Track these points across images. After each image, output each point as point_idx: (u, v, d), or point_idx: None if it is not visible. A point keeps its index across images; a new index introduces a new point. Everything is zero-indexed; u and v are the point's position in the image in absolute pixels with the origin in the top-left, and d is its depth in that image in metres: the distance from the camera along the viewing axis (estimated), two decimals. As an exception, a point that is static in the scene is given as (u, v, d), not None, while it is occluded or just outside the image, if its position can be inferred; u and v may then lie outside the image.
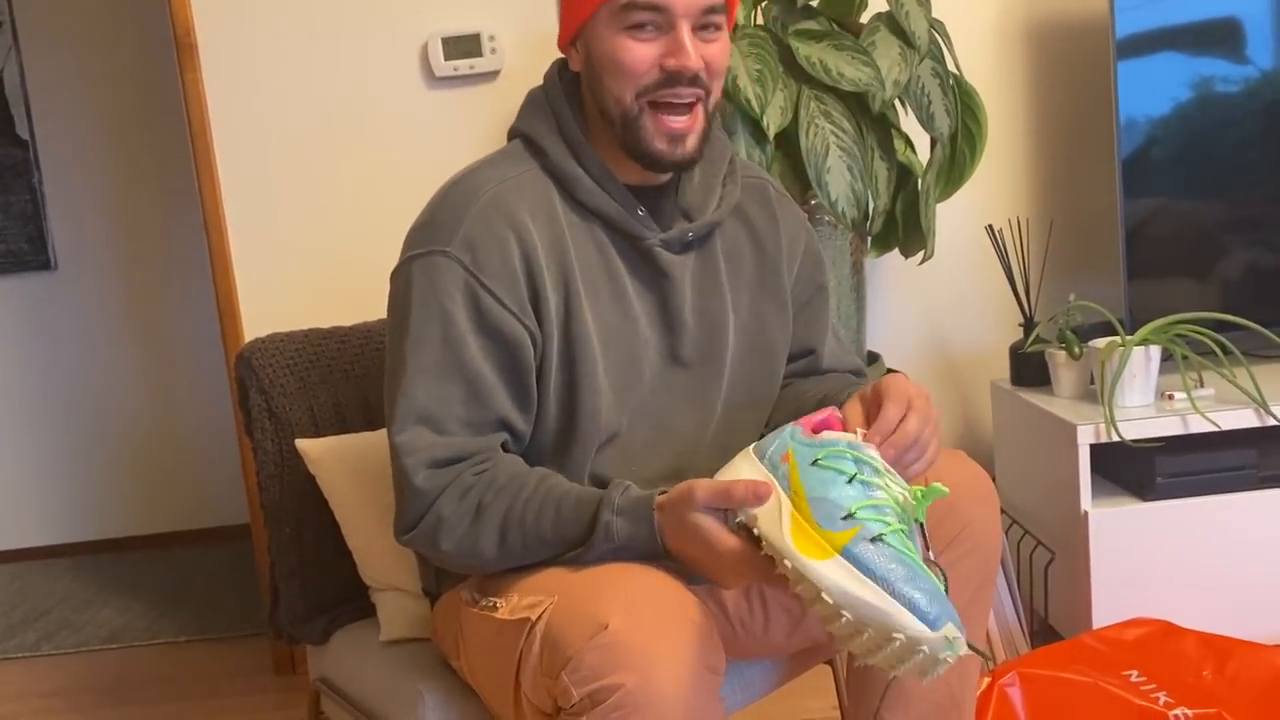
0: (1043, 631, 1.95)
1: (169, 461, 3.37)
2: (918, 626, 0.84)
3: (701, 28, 1.11)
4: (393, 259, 1.18)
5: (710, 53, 1.12)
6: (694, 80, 1.11)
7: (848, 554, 0.88)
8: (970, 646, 0.93)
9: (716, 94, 1.16)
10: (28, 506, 3.38)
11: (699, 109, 1.14)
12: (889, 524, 0.91)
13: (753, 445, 1.03)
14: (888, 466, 0.98)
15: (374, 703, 1.37)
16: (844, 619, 0.86)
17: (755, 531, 0.96)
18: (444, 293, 1.10)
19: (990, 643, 1.80)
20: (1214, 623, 1.69)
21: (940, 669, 0.86)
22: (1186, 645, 1.60)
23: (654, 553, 1.03)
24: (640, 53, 1.10)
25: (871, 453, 0.98)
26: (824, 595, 0.87)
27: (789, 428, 1.02)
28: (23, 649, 2.61)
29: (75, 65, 3.21)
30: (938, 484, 0.97)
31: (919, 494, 0.96)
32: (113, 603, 2.89)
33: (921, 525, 0.96)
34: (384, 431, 1.15)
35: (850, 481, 0.94)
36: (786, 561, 0.90)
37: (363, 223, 2.17)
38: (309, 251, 2.19)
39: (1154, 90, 1.95)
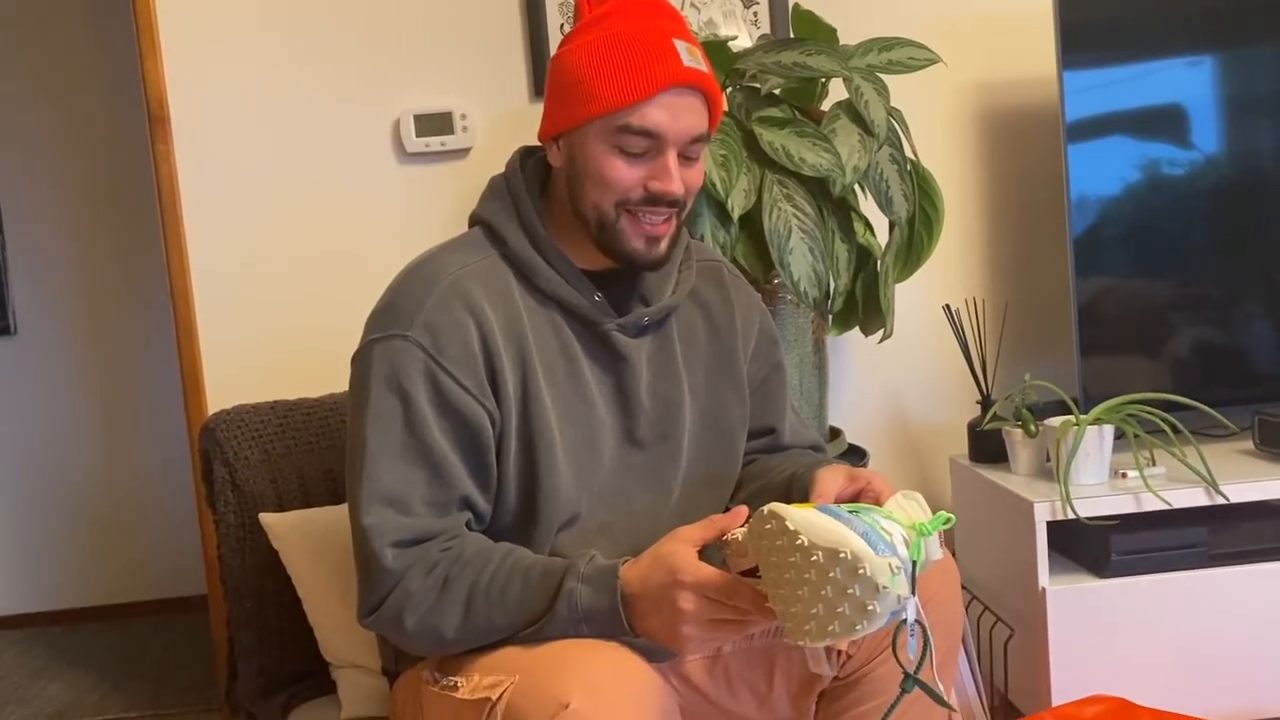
0: (1003, 708, 1.96)
1: (123, 531, 3.32)
2: (865, 548, 0.89)
3: (684, 155, 1.16)
4: (360, 332, 1.19)
5: (690, 176, 1.17)
6: (672, 202, 1.16)
7: (826, 509, 0.95)
8: (941, 701, 0.98)
9: (689, 206, 1.21)
10: (-24, 576, 3.31)
11: (673, 219, 1.19)
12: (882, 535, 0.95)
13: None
14: (896, 514, 1.01)
15: (332, 783, 1.35)
16: (799, 542, 0.91)
17: (733, 550, 1.01)
18: (404, 376, 1.12)
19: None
20: (1169, 700, 1.71)
21: (880, 603, 0.89)
22: (1143, 723, 1.61)
23: (616, 625, 1.04)
24: (627, 173, 1.15)
25: (893, 509, 1.03)
26: (788, 523, 0.93)
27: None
28: (-34, 725, 2.54)
29: (44, 131, 3.22)
30: (944, 511, 1.00)
31: (924, 525, 0.98)
32: (61, 676, 2.82)
33: (914, 564, 0.98)
34: (347, 506, 1.16)
35: (852, 513, 0.98)
36: (765, 510, 0.96)
37: (331, 295, 2.19)
38: (276, 323, 2.19)
39: (1104, 173, 2.02)
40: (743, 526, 1.02)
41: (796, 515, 0.93)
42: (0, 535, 3.31)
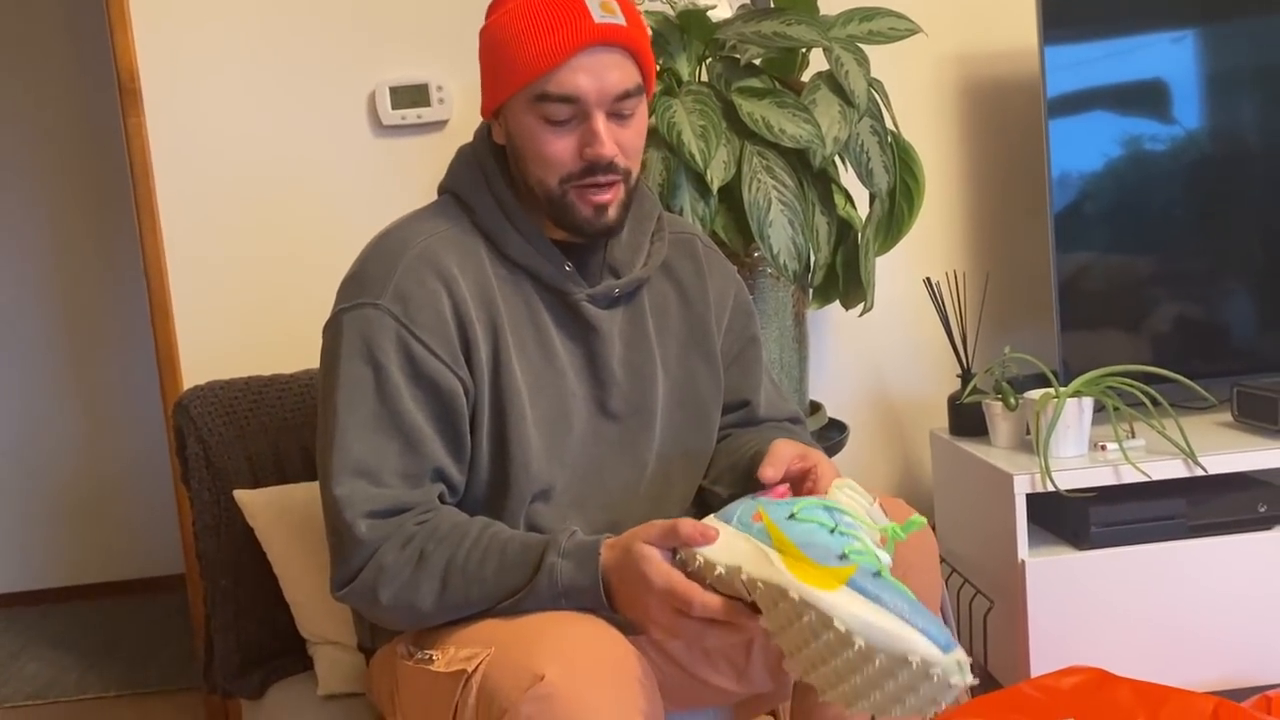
0: (983, 679, 1.96)
1: (102, 510, 3.29)
2: (932, 649, 0.84)
3: (616, 114, 1.13)
4: (337, 307, 1.18)
5: (625, 137, 1.14)
6: (610, 167, 1.13)
7: (855, 585, 0.89)
8: None
9: (636, 170, 1.18)
10: (-47, 557, 3.28)
11: (619, 185, 1.16)
12: (880, 563, 0.93)
13: (712, 515, 1.04)
14: (856, 511, 1.00)
15: (309, 759, 1.34)
16: (856, 647, 0.86)
17: (710, 578, 0.97)
18: (376, 345, 1.11)
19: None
20: (1147, 670, 1.72)
21: (948, 697, 0.86)
22: (1121, 693, 1.62)
23: (595, 601, 1.03)
24: (560, 146, 1.12)
25: (844, 501, 1.00)
26: (835, 623, 0.87)
27: (747, 497, 1.04)
28: (-57, 706, 2.52)
29: (13, 107, 3.18)
30: (916, 515, 0.98)
31: (897, 530, 0.98)
32: (40, 656, 2.80)
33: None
34: (319, 478, 1.14)
35: (832, 533, 0.95)
36: (792, 594, 0.90)
37: (307, 270, 2.16)
38: (251, 298, 2.17)
39: (1085, 148, 2.02)
40: (712, 552, 0.97)
41: (841, 609, 0.87)
42: (-24, 515, 3.28)
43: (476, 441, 1.15)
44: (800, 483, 1.11)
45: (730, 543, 0.98)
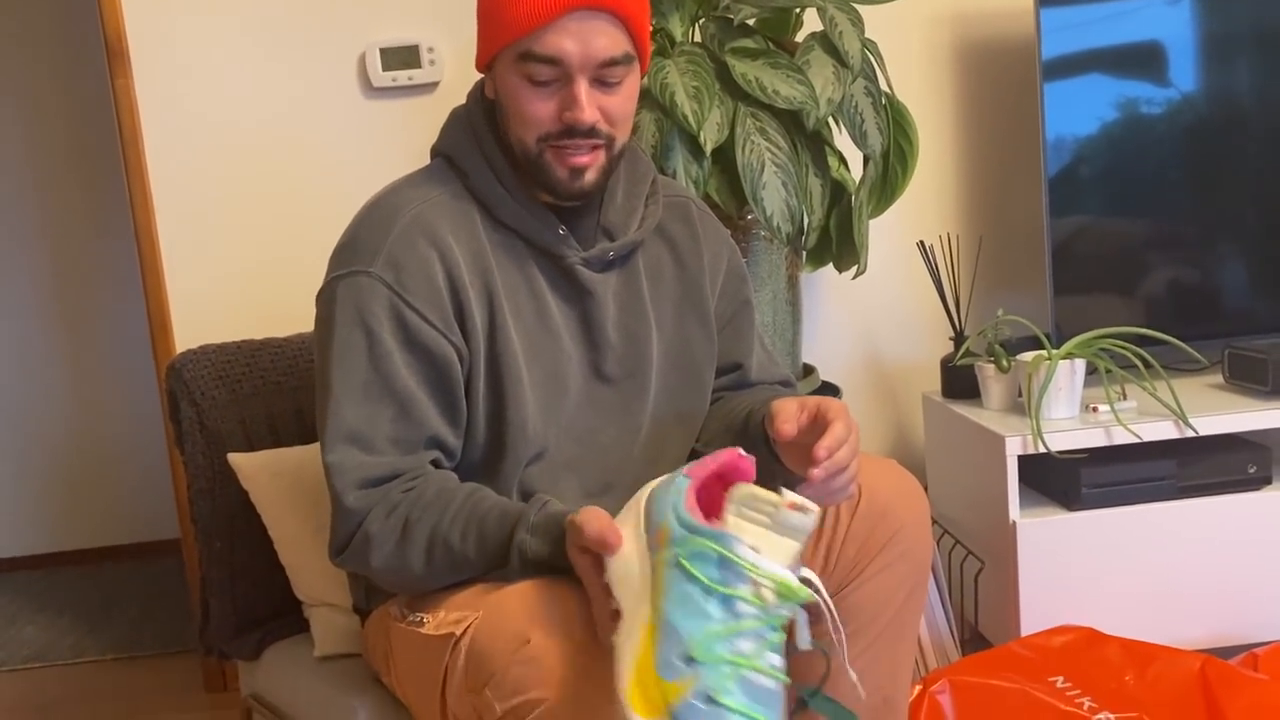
0: (973, 639, 1.98)
1: (97, 475, 3.30)
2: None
3: (600, 80, 1.12)
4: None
5: (609, 104, 1.13)
6: (590, 132, 1.12)
7: (677, 715, 0.86)
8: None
9: (621, 137, 1.17)
10: (-52, 522, 3.28)
11: (600, 151, 1.15)
12: (739, 663, 0.87)
13: (649, 491, 0.99)
14: (754, 560, 0.90)
15: (306, 719, 1.35)
16: None
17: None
18: (368, 313, 1.10)
19: (922, 650, 1.83)
20: (1135, 629, 1.74)
21: None
22: (1109, 652, 1.64)
23: (569, 569, 1.03)
24: (540, 106, 1.12)
25: (741, 550, 0.90)
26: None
27: (679, 480, 0.96)
28: (-59, 669, 2.53)
29: (1, 69, 3.14)
30: (806, 592, 0.91)
31: (788, 589, 0.90)
32: (36, 620, 2.82)
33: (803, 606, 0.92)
34: (318, 445, 1.15)
35: (708, 594, 0.88)
36: (619, 693, 0.88)
37: (298, 233, 2.15)
38: (243, 261, 2.16)
39: (1080, 111, 2.01)
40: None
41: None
42: (-30, 481, 3.28)
43: (472, 406, 1.15)
44: (812, 431, 1.09)
45: (627, 564, 0.94)
